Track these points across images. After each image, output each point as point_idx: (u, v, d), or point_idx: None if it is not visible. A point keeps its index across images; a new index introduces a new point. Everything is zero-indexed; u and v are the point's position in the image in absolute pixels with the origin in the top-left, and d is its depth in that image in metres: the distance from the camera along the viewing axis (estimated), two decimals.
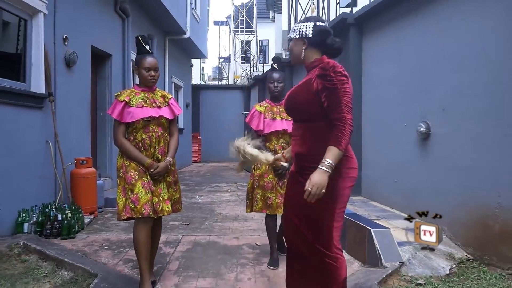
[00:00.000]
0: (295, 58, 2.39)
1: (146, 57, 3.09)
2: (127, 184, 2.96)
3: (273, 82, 3.64)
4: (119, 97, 3.05)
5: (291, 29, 2.38)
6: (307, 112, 2.27)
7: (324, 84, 2.14)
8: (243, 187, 8.84)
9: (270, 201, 3.52)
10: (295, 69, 9.87)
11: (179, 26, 10.44)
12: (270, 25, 28.12)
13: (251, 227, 5.14)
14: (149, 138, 3.04)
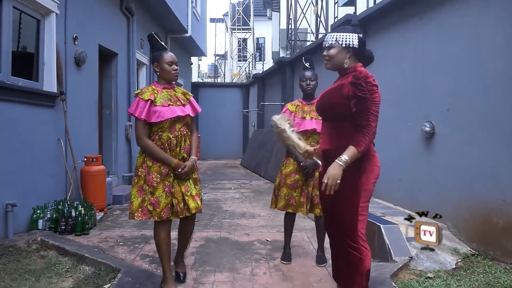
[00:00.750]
0: (336, 65, 2.54)
1: (166, 52, 3.07)
2: (147, 185, 2.94)
3: (305, 80, 3.73)
4: (142, 96, 2.94)
5: (332, 37, 2.50)
6: (336, 113, 2.47)
7: (355, 92, 2.34)
8: (246, 185, 8.96)
9: (293, 200, 3.61)
10: (297, 68, 9.98)
11: (181, 24, 10.52)
12: (267, 23, 28.16)
13: (259, 223, 5.26)
14: (175, 138, 3.00)
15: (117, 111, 7.36)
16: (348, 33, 2.47)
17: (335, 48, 2.50)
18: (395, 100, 5.37)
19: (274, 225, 5.15)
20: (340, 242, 2.46)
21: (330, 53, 2.53)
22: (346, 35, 2.46)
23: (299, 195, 3.61)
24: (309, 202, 3.61)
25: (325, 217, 2.64)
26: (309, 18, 15.67)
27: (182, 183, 3.05)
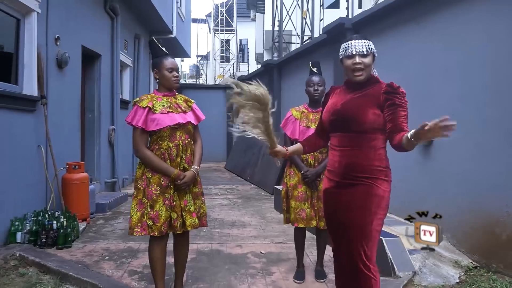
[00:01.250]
0: (368, 74, 2.37)
1: (167, 57, 2.92)
2: (146, 198, 2.78)
3: (313, 85, 3.55)
4: (140, 103, 2.80)
5: (367, 45, 2.34)
6: (369, 121, 2.30)
7: (394, 100, 2.23)
8: (233, 190, 8.76)
9: (304, 213, 3.42)
10: (284, 71, 9.83)
11: (166, 25, 10.26)
12: (250, 24, 28.06)
13: (251, 233, 5.06)
14: (176, 147, 2.84)
15: (100, 115, 7.07)
16: (368, 40, 2.36)
17: (370, 57, 2.35)
18: None
19: (267, 236, 4.96)
20: (351, 264, 2.28)
21: (366, 62, 2.34)
22: (371, 44, 2.36)
23: (309, 208, 3.42)
24: (317, 215, 3.43)
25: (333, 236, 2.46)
26: (294, 20, 15.58)
27: (182, 196, 2.88)
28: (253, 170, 10.18)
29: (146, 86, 10.29)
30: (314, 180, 3.41)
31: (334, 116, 2.47)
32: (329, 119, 2.52)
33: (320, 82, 3.55)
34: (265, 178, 9.02)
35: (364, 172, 2.26)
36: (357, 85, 2.38)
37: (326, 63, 7.09)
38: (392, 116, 2.21)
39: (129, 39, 8.84)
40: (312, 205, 3.42)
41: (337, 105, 2.46)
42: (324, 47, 7.32)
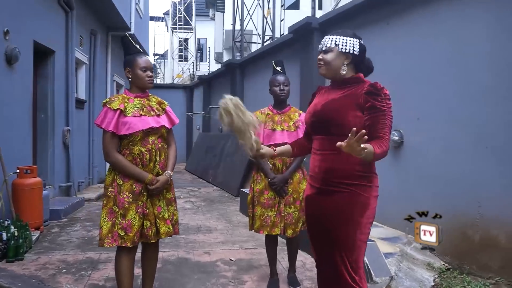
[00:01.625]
0: (332, 71, 2.22)
1: (141, 56, 2.74)
2: (117, 207, 2.59)
3: (278, 85, 3.38)
4: (111, 105, 2.61)
5: (332, 40, 2.19)
6: (348, 125, 2.12)
7: (374, 103, 2.07)
8: (195, 193, 8.51)
9: (268, 220, 3.26)
10: (247, 71, 9.68)
11: (123, 21, 9.83)
12: (209, 23, 27.74)
13: (218, 239, 4.87)
14: (148, 151, 2.66)
15: (53, 115, 6.63)
16: (349, 37, 2.17)
17: (333, 53, 2.19)
18: None
19: (235, 241, 4.78)
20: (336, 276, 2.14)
21: (326, 58, 2.21)
22: (346, 39, 2.17)
23: (275, 214, 3.26)
24: (282, 222, 3.28)
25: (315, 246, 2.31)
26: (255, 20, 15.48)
27: (155, 203, 2.70)
28: (216, 172, 9.96)
29: (103, 85, 9.84)
30: (282, 186, 3.27)
31: (314, 118, 2.33)
32: (310, 121, 2.38)
33: (286, 82, 3.40)
34: (229, 180, 8.83)
35: (345, 177, 2.11)
36: (341, 84, 2.24)
37: (292, 63, 7.00)
38: (370, 121, 2.06)
39: (85, 35, 8.39)
40: (279, 211, 3.27)
41: (317, 106, 2.31)
42: (289, 46, 7.23)
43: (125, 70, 2.74)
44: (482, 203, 3.54)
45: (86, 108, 8.57)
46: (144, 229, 2.63)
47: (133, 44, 2.77)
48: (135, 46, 2.77)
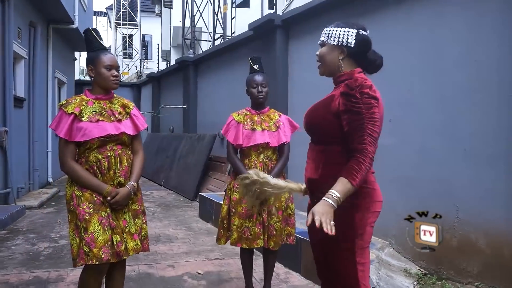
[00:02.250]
0: (328, 68, 1.98)
1: (105, 53, 2.45)
2: (79, 220, 2.29)
3: (256, 86, 3.08)
4: (66, 108, 2.34)
5: (325, 32, 1.95)
6: (323, 133, 1.93)
7: (347, 105, 1.80)
8: (148, 197, 8.05)
9: (247, 232, 2.96)
10: (201, 69, 9.31)
11: (67, 14, 9.11)
12: (155, 19, 26.94)
13: (181, 249, 4.51)
14: (106, 158, 2.37)
15: None
16: (344, 27, 1.91)
17: (326, 47, 1.96)
18: None
19: (199, 251, 4.45)
20: None
21: (320, 53, 1.99)
22: (339, 29, 1.91)
23: (254, 225, 2.98)
24: (265, 233, 3.01)
25: (318, 268, 2.08)
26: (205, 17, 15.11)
27: (120, 216, 2.39)
28: (168, 174, 9.51)
29: (43, 82, 9.11)
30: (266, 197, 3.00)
31: (304, 123, 2.10)
32: (304, 125, 2.15)
33: (264, 82, 3.12)
34: (183, 183, 8.43)
35: (324, 191, 1.77)
36: (336, 81, 2.00)
37: None
38: (347, 128, 1.79)
39: (23, 27, 7.65)
40: (262, 221, 3.00)
41: (308, 110, 2.09)
42: (248, 44, 6.97)
43: (87, 68, 2.45)
44: (460, 206, 3.47)
45: (26, 107, 7.85)
46: (114, 244, 2.30)
47: (97, 40, 2.47)
48: (99, 41, 2.47)
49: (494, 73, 3.25)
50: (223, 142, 8.02)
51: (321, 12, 5.11)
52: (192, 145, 8.75)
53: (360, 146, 1.75)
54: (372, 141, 1.76)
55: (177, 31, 19.46)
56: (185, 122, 9.76)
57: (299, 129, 3.22)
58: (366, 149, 1.74)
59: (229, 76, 7.64)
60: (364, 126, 1.76)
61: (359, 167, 1.73)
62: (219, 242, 3.13)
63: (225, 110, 8.01)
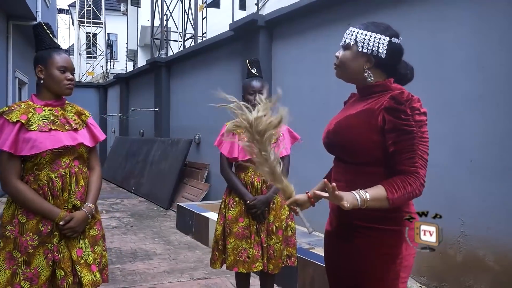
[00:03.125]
0: (348, 75, 1.72)
1: (59, 52, 2.10)
2: (19, 252, 1.96)
3: (253, 93, 2.76)
4: (9, 115, 1.97)
5: (352, 33, 1.66)
6: (363, 153, 1.64)
7: (396, 123, 1.55)
8: (119, 206, 7.58)
9: (244, 254, 2.64)
10: (174, 71, 8.91)
11: (28, 9, 8.50)
12: (120, 18, 26.19)
13: (162, 267, 4.15)
14: (61, 178, 2.03)
15: None
16: (375, 32, 1.63)
17: (350, 51, 1.67)
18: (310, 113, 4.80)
19: (182, 269, 4.10)
20: None
21: (341, 56, 1.70)
22: (369, 35, 1.62)
23: (251, 247, 2.67)
24: (264, 255, 2.71)
25: None
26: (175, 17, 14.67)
27: (73, 244, 2.04)
28: (139, 181, 9.04)
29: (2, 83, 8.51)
30: (263, 210, 2.71)
31: (326, 139, 1.82)
32: (323, 142, 1.86)
33: (263, 88, 2.83)
34: (156, 190, 8.01)
35: (361, 219, 1.62)
36: (364, 92, 1.72)
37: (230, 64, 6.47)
38: (393, 148, 1.55)
39: None
40: (260, 242, 2.70)
41: (332, 124, 1.80)
42: (226, 45, 6.65)
43: (36, 68, 2.09)
44: (466, 221, 3.28)
45: None
46: (57, 280, 1.98)
47: (50, 36, 2.12)
48: (51, 38, 2.13)
49: (503, 80, 3.08)
50: (199, 147, 7.67)
51: (308, 13, 4.86)
52: (165, 150, 8.34)
53: (410, 169, 1.54)
54: (423, 164, 1.56)
55: (144, 30, 18.88)
56: (157, 125, 9.32)
57: (299, 140, 2.96)
58: (418, 172, 1.54)
59: (206, 78, 7.30)
60: (415, 147, 1.54)
61: (404, 186, 1.52)
62: (214, 266, 2.82)
63: (201, 114, 7.70)
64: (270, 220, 2.72)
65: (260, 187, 2.74)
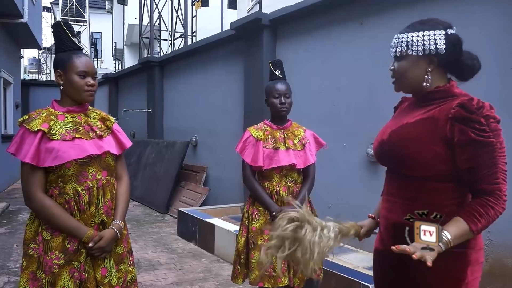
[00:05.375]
0: (409, 85, 1.55)
1: (79, 55, 1.93)
2: (43, 272, 1.81)
3: (278, 96, 2.60)
4: (29, 124, 1.83)
5: (400, 40, 1.52)
6: (426, 166, 1.47)
7: (470, 135, 1.38)
8: None
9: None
10: (168, 71, 8.66)
11: (14, 6, 8.19)
12: (104, 16, 25.78)
13: (169, 278, 3.95)
14: (88, 191, 1.88)
15: None
16: (427, 30, 1.47)
17: (406, 60, 1.51)
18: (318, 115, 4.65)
19: (191, 280, 3.90)
20: None
21: (397, 68, 1.55)
22: (421, 34, 1.47)
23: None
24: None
25: None
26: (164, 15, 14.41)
27: (99, 264, 1.93)
28: (132, 184, 8.76)
29: None
30: None
31: (380, 149, 1.66)
32: (376, 152, 1.70)
33: (288, 92, 2.66)
34: (152, 194, 7.76)
35: None
36: (422, 99, 1.56)
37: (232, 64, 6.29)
38: (469, 164, 1.39)
39: None
40: None
41: (386, 133, 1.63)
42: (226, 45, 6.45)
43: (55, 72, 1.94)
44: (492, 228, 3.15)
45: None
46: None
47: (70, 36, 1.95)
48: (71, 39, 1.95)
49: None
50: (197, 149, 7.45)
51: (316, 12, 4.70)
52: (160, 152, 8.09)
53: (491, 186, 1.37)
54: (505, 178, 1.39)
55: (131, 29, 18.53)
56: (150, 127, 9.06)
57: (325, 146, 2.81)
58: (500, 189, 1.37)
59: (203, 78, 7.08)
60: (496, 160, 1.37)
61: (486, 212, 1.36)
62: (236, 280, 2.64)
63: (198, 116, 7.47)
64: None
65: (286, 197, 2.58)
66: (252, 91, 5.57)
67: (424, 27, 1.49)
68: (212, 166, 6.92)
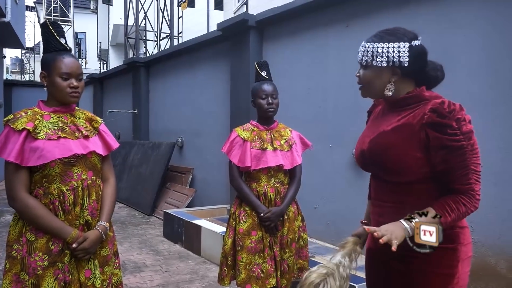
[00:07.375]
0: (374, 92, 1.61)
1: (63, 55, 1.90)
2: (27, 273, 1.79)
3: (265, 97, 2.60)
4: (14, 124, 1.82)
5: (366, 49, 1.55)
6: (410, 171, 1.52)
7: (443, 140, 1.44)
8: None
9: (257, 270, 2.47)
10: (153, 71, 8.60)
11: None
12: (89, 16, 25.51)
13: (155, 281, 3.92)
14: (72, 191, 1.86)
15: None
16: (391, 42, 1.50)
17: (371, 69, 1.56)
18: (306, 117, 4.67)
19: (177, 282, 3.88)
20: None
21: (362, 75, 1.61)
22: (386, 46, 1.50)
23: (264, 261, 2.50)
24: (278, 270, 2.54)
25: None
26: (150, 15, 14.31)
27: (82, 265, 1.90)
28: (118, 186, 8.67)
29: None
30: (277, 222, 2.54)
31: (362, 159, 1.69)
32: (358, 161, 1.74)
33: (275, 93, 2.67)
34: (137, 195, 7.70)
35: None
36: (395, 105, 1.61)
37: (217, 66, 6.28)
38: (442, 166, 1.46)
39: None
40: (273, 256, 2.54)
41: (365, 142, 1.66)
42: (212, 46, 6.43)
43: (40, 74, 1.94)
44: (476, 228, 3.20)
45: None
46: None
47: (56, 37, 1.92)
48: (57, 39, 1.92)
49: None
50: (183, 151, 7.41)
51: (303, 13, 4.72)
52: (146, 153, 8.03)
53: (465, 187, 1.45)
54: (477, 179, 1.46)
55: (117, 29, 18.37)
56: (136, 128, 8.98)
57: (310, 147, 2.82)
58: (473, 189, 1.45)
59: (189, 79, 7.05)
60: (467, 162, 1.44)
61: (457, 207, 1.44)
62: (222, 282, 2.63)
63: (184, 117, 7.44)
64: (284, 233, 2.57)
65: (274, 198, 2.58)
66: (238, 92, 5.56)
67: (390, 38, 1.52)
68: (198, 167, 6.89)
